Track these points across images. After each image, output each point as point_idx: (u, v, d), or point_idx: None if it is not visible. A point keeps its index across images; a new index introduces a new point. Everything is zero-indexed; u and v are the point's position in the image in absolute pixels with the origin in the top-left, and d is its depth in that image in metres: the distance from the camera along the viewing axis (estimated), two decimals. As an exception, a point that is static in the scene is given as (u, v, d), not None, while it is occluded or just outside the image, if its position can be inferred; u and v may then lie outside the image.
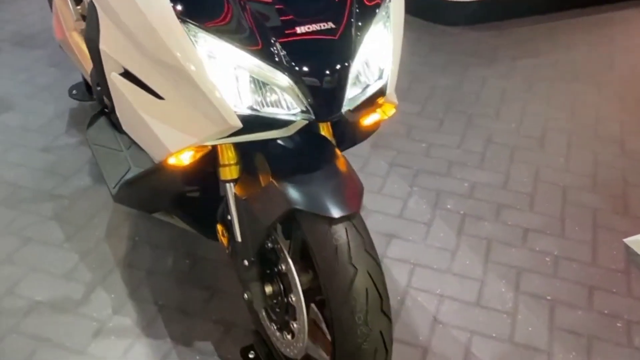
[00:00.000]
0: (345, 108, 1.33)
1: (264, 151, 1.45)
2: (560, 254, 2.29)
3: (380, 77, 1.42)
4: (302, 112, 1.30)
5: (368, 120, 1.61)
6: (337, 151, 1.47)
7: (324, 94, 1.28)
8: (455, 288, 2.13)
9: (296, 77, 1.26)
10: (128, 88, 1.40)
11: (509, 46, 3.75)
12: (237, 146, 1.48)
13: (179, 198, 1.71)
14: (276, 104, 1.29)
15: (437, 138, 2.90)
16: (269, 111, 1.29)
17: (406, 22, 1.54)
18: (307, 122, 1.33)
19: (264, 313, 1.71)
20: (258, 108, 1.29)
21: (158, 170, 1.51)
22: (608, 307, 2.08)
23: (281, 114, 1.30)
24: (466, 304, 2.07)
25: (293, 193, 1.35)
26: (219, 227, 1.63)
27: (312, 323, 1.58)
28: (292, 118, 1.30)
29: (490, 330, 1.98)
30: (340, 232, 1.33)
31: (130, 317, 1.95)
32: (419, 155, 2.78)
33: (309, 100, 1.28)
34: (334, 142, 1.55)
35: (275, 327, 1.66)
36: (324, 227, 1.34)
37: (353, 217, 1.36)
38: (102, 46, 1.45)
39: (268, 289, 1.58)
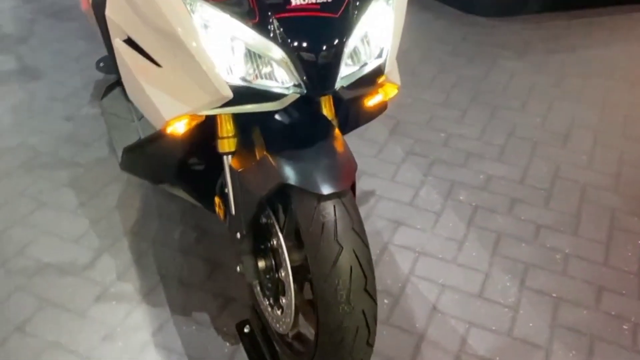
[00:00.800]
0: (339, 84, 1.33)
1: (261, 126, 1.45)
2: (572, 252, 2.23)
3: (379, 56, 1.40)
4: (295, 86, 1.30)
5: (371, 101, 1.60)
6: (336, 130, 1.47)
7: (316, 69, 1.27)
8: (458, 279, 2.10)
9: (289, 51, 1.26)
10: (129, 55, 1.42)
11: (542, 40, 3.66)
12: (236, 119, 1.49)
13: (181, 169, 1.73)
14: (269, 76, 1.29)
15: (457, 128, 2.86)
16: (261, 83, 1.29)
17: (437, 9, 1.52)
18: (298, 95, 1.32)
19: (258, 288, 1.72)
20: (251, 79, 1.29)
21: (158, 139, 1.54)
22: (615, 308, 2.02)
23: (273, 86, 1.30)
24: (468, 295, 2.05)
25: (285, 168, 1.35)
26: (217, 200, 1.64)
27: (303, 300, 1.59)
28: (284, 91, 1.30)
29: (489, 323, 1.96)
30: (328, 209, 1.33)
31: (132, 284, 1.99)
32: (437, 145, 2.75)
33: (302, 74, 1.28)
34: (335, 121, 1.54)
35: (267, 302, 1.68)
36: (312, 203, 1.33)
37: (343, 196, 1.35)
38: (108, 12, 1.48)
39: (261, 264, 1.59)
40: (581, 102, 3.11)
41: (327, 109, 1.54)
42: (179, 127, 1.39)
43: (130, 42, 1.44)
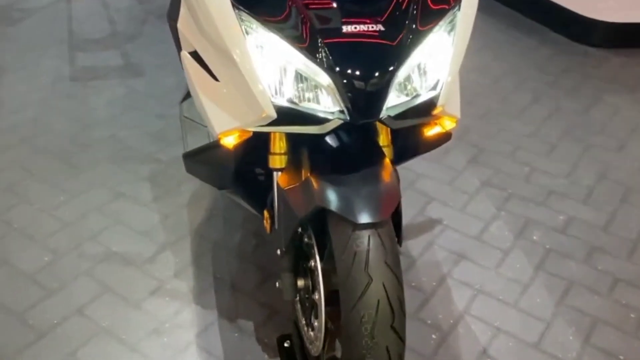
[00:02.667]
0: (384, 114, 1.30)
1: (310, 147, 1.46)
2: (650, 313, 2.04)
3: (434, 88, 1.36)
4: (340, 112, 1.29)
5: (430, 131, 1.55)
6: (385, 159, 1.44)
7: (360, 96, 1.26)
8: (516, 325, 1.99)
9: (335, 77, 1.26)
10: (193, 67, 1.48)
11: (656, 77, 3.39)
12: (289, 138, 1.50)
13: (238, 177, 1.76)
14: (315, 100, 1.29)
15: (543, 164, 2.71)
16: (306, 106, 1.29)
17: (543, 35, 1.46)
18: (341, 122, 1.31)
19: (298, 306, 1.72)
20: (297, 102, 1.30)
21: (213, 148, 1.58)
22: (690, 383, 1.83)
23: (317, 110, 1.29)
24: (524, 343, 1.93)
25: (325, 192, 1.34)
26: (265, 213, 1.67)
27: (337, 326, 1.57)
28: (328, 116, 1.30)
29: (542, 377, 1.84)
30: (363, 238, 1.30)
31: (186, 283, 2.06)
32: (517, 179, 2.62)
33: (346, 101, 1.27)
34: (389, 149, 1.51)
35: (304, 321, 1.67)
36: (347, 230, 1.32)
37: (380, 227, 1.32)
38: (179, 25, 1.54)
39: (300, 282, 1.59)
40: (690, 148, 2.84)
41: (383, 136, 1.51)
42: (229, 141, 1.42)
43: (195, 54, 1.49)
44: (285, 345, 1.84)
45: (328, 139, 1.46)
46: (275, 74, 1.29)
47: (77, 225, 2.27)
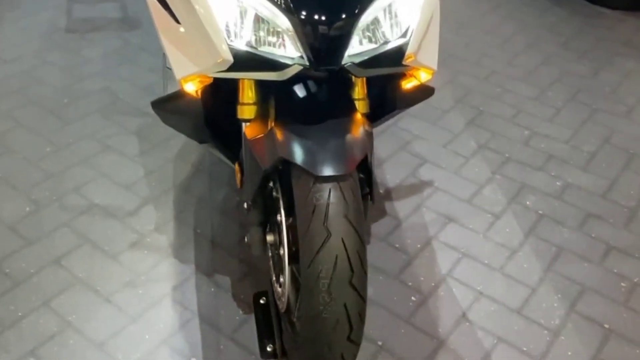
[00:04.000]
0: (347, 61, 1.23)
1: (277, 97, 1.40)
2: (641, 282, 1.97)
3: (403, 35, 1.28)
4: (300, 57, 1.23)
5: (408, 84, 1.48)
6: (356, 113, 1.38)
7: (321, 42, 1.19)
8: (500, 289, 1.94)
9: (294, 20, 1.19)
10: (156, 8, 1.42)
11: (673, 41, 3.23)
12: (258, 88, 1.44)
13: (215, 130, 1.71)
14: (275, 45, 1.22)
15: (545, 128, 2.61)
16: (264, 50, 1.23)
17: None
18: (301, 68, 1.24)
19: (270, 262, 1.69)
20: (256, 46, 1.23)
21: (180, 96, 1.53)
22: (676, 355, 1.77)
23: (276, 55, 1.23)
24: (505, 308, 1.88)
25: (287, 143, 1.29)
26: (236, 166, 1.62)
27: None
28: (287, 62, 1.23)
29: (521, 343, 1.79)
30: (323, 192, 1.25)
31: (166, 237, 2.04)
32: (516, 142, 2.53)
33: (305, 47, 1.20)
34: (363, 103, 1.44)
35: (274, 277, 1.64)
36: (308, 183, 1.27)
37: (343, 180, 1.27)
38: (146, -35, 1.48)
39: (269, 238, 1.55)
40: (703, 116, 2.72)
41: (357, 89, 1.44)
42: (191, 87, 1.37)
43: (160, -4, 1.43)
44: (261, 302, 1.82)
45: (296, 89, 1.40)
46: (234, 17, 1.22)
47: (61, 177, 2.25)
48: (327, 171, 1.24)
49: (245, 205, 1.51)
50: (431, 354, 1.75)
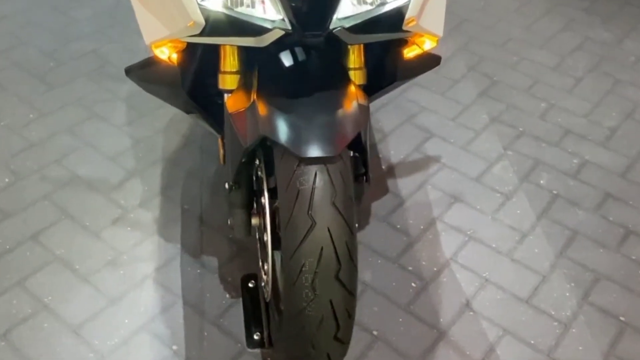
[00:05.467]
0: (337, 25, 1.07)
1: (262, 66, 1.24)
2: (662, 271, 1.82)
3: (401, -4, 1.11)
4: (282, 21, 1.07)
5: (411, 52, 1.32)
6: (350, 85, 1.22)
7: (306, 2, 1.03)
8: (508, 276, 1.80)
9: None
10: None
11: None
12: (242, 55, 1.29)
13: (199, 100, 1.56)
14: (252, 6, 1.06)
15: (563, 100, 2.43)
16: (240, 12, 1.07)
17: None
18: (283, 33, 1.09)
19: (258, 245, 1.56)
20: (231, 7, 1.07)
21: (155, 63, 1.38)
22: (697, 352, 1.63)
23: (254, 18, 1.07)
24: (513, 297, 1.75)
25: (270, 119, 1.14)
26: (219, 141, 1.48)
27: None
28: (267, 25, 1.07)
29: (529, 336, 1.65)
30: (308, 175, 1.11)
31: (152, 213, 1.91)
32: (531, 116, 2.35)
33: (288, 8, 1.04)
34: (360, 73, 1.28)
35: (260, 263, 1.51)
36: (292, 165, 1.12)
37: (331, 162, 1.12)
38: None
39: (254, 221, 1.42)
40: None
41: (353, 57, 1.28)
42: (163, 52, 1.22)
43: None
44: (250, 285, 1.69)
45: (283, 57, 1.24)
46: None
47: (43, 146, 2.12)
48: (313, 152, 1.10)
49: (226, 185, 1.37)
50: (431, 345, 1.63)
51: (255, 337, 1.57)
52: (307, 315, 1.14)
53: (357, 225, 1.15)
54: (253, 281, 1.70)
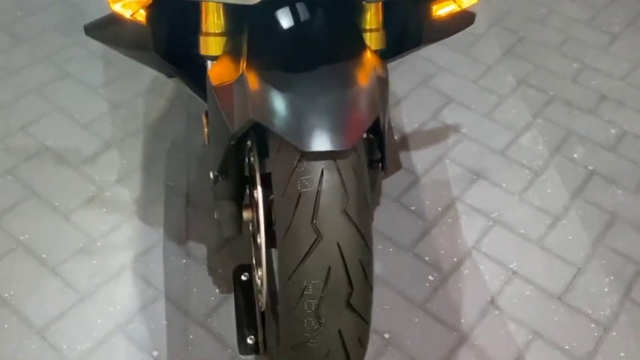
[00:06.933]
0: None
1: (251, 27, 0.97)
2: None
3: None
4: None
5: (442, 10, 1.04)
6: (366, 51, 0.96)
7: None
8: (537, 268, 1.57)
9: None
10: None
11: None
12: (228, 12, 1.02)
13: (181, 64, 1.29)
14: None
15: (598, 59, 2.16)
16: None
17: None
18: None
19: (252, 244, 1.32)
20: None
21: (116, 21, 1.12)
22: None
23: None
24: (544, 293, 1.52)
25: (263, 99, 0.88)
26: (204, 118, 1.22)
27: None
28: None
29: (563, 340, 1.44)
30: (312, 174, 0.86)
31: (131, 191, 1.67)
32: (562, 78, 2.08)
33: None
34: (376, 35, 1.01)
35: (254, 261, 1.28)
36: (291, 160, 0.87)
37: (341, 157, 0.87)
38: None
39: (246, 214, 1.17)
40: None
41: (370, 16, 1.01)
42: (123, 9, 0.95)
43: None
44: (243, 278, 1.48)
45: (280, 15, 0.97)
46: None
47: (8, 111, 1.86)
48: (319, 145, 0.85)
49: (211, 174, 1.12)
50: (450, 351, 1.41)
51: (249, 341, 1.37)
52: (309, 348, 0.91)
53: (372, 237, 0.91)
54: (247, 274, 1.48)
